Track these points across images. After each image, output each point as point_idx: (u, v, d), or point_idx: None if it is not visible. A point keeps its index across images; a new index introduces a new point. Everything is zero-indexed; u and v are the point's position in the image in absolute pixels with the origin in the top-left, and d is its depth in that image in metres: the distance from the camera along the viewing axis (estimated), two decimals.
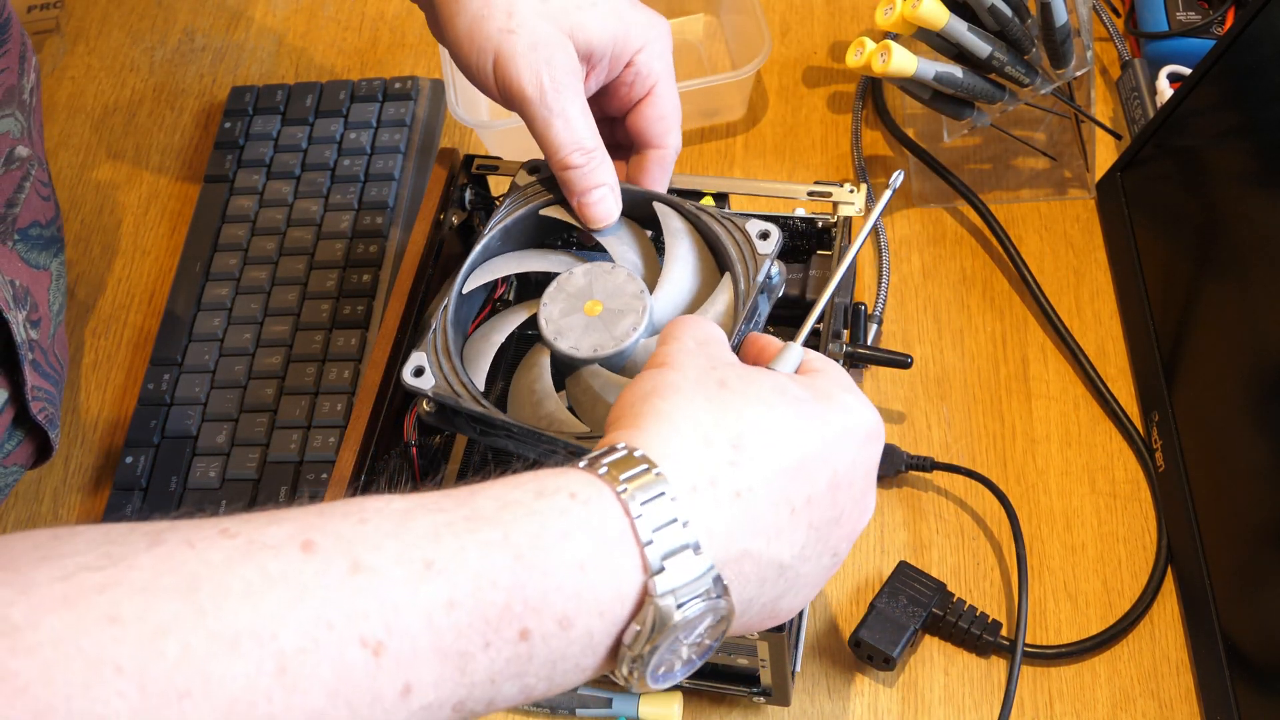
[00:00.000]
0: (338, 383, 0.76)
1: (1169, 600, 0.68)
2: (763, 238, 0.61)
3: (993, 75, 0.77)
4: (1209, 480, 0.67)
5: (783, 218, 0.70)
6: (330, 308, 0.79)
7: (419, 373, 0.58)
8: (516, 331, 0.62)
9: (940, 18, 0.73)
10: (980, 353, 0.77)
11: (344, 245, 0.82)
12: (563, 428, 0.56)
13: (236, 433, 0.75)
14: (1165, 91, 0.81)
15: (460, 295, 0.61)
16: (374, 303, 0.79)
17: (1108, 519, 0.71)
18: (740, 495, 0.45)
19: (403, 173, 0.85)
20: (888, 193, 0.57)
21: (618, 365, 0.59)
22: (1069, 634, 0.68)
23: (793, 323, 0.71)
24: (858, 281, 0.78)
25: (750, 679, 0.64)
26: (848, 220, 0.68)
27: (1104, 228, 0.81)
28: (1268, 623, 0.61)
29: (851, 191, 0.68)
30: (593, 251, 0.65)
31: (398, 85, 0.89)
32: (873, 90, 0.88)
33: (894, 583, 0.67)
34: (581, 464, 0.44)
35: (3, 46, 0.74)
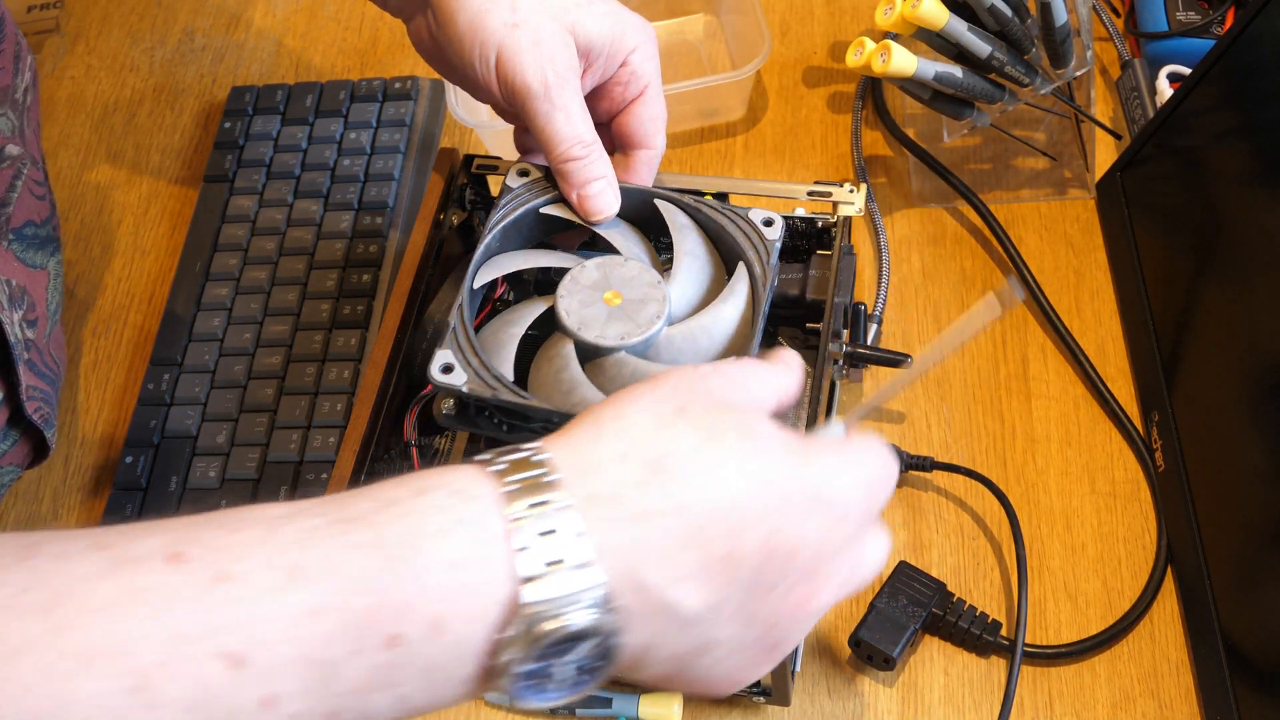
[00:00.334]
0: (338, 383, 0.76)
1: (1169, 600, 0.68)
2: (767, 225, 0.61)
3: (993, 75, 0.77)
4: (1209, 480, 0.67)
5: (783, 218, 0.70)
6: (330, 308, 0.79)
7: (448, 369, 0.57)
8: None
9: (940, 18, 0.73)
10: (980, 353, 0.77)
11: (344, 245, 0.82)
12: None
13: (236, 433, 0.75)
14: (1165, 91, 0.81)
15: (471, 292, 0.61)
16: (374, 303, 0.79)
17: (1108, 519, 0.71)
18: (642, 518, 0.42)
19: (403, 173, 0.85)
20: (987, 310, 0.52)
21: (642, 353, 0.59)
22: (1069, 634, 0.68)
23: (794, 322, 0.71)
24: (858, 281, 0.78)
25: None
26: (848, 220, 0.68)
27: (1104, 228, 0.81)
28: (1268, 623, 0.61)
29: (851, 191, 0.68)
30: (592, 252, 0.65)
31: (398, 85, 0.89)
32: (873, 90, 0.88)
33: (894, 583, 0.67)
34: (483, 458, 0.43)
35: None
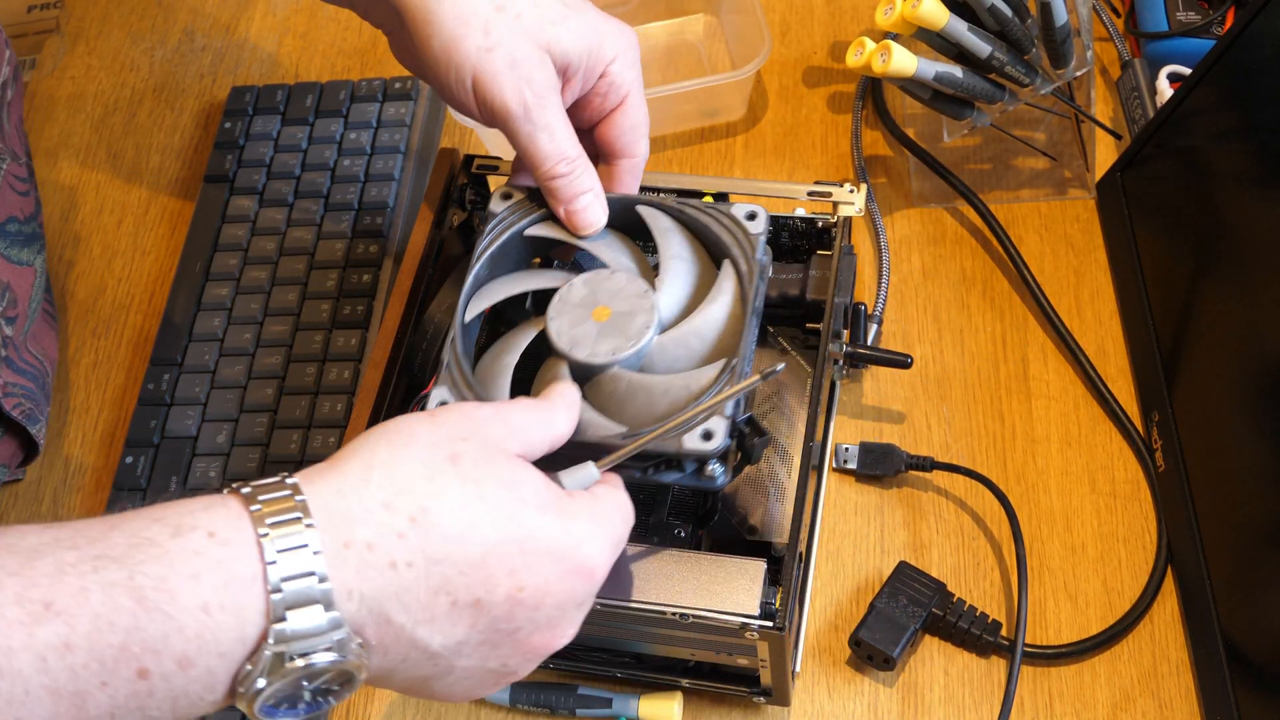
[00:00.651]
0: (338, 383, 0.76)
1: (1169, 600, 0.68)
2: (750, 219, 0.61)
3: (993, 75, 0.77)
4: (1209, 480, 0.67)
5: (782, 218, 0.70)
6: (330, 308, 0.79)
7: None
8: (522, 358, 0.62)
9: (940, 18, 0.73)
10: (980, 353, 0.77)
11: (344, 245, 0.82)
12: (600, 431, 0.56)
13: (236, 433, 0.75)
14: (1165, 91, 0.81)
15: (463, 326, 0.61)
16: (374, 303, 0.79)
17: (1108, 519, 0.71)
18: (395, 567, 0.45)
19: (403, 173, 0.85)
20: (756, 379, 0.55)
21: (635, 366, 0.59)
22: (1069, 634, 0.68)
23: (794, 322, 0.71)
24: (858, 281, 0.78)
25: (750, 679, 0.64)
26: (848, 220, 0.68)
27: (1104, 228, 0.81)
28: (1268, 623, 0.61)
29: (851, 191, 0.68)
30: (578, 271, 0.65)
31: (398, 85, 0.89)
32: (873, 90, 0.88)
33: (894, 583, 0.67)
34: (245, 490, 0.44)
35: None
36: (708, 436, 0.55)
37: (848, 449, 0.73)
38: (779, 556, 0.61)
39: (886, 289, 0.79)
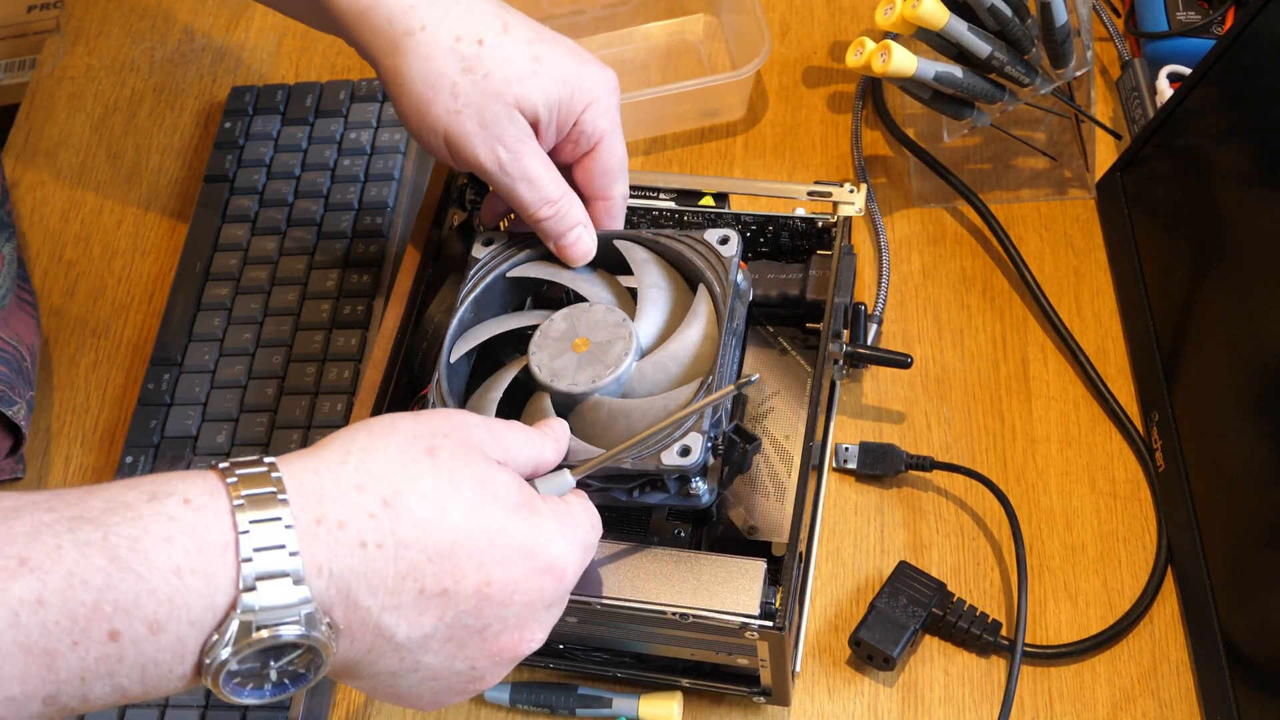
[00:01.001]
0: (338, 383, 0.76)
1: (1169, 600, 0.68)
2: (723, 243, 0.63)
3: (993, 75, 0.77)
4: (1209, 480, 0.67)
5: (783, 218, 0.70)
6: (330, 308, 0.79)
7: None
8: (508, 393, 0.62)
9: (940, 18, 0.73)
10: (980, 353, 0.77)
11: (344, 245, 0.82)
12: (576, 458, 0.57)
13: (236, 433, 0.75)
14: (1165, 91, 0.81)
15: (449, 367, 0.62)
16: (374, 303, 0.79)
17: (1108, 519, 0.71)
18: (365, 547, 0.45)
19: (403, 173, 0.85)
20: (731, 389, 0.57)
21: (616, 393, 0.60)
22: (1069, 634, 0.68)
23: (794, 322, 0.71)
24: (858, 281, 0.78)
25: (750, 679, 0.64)
26: (848, 220, 0.68)
27: (1104, 228, 0.81)
28: (1268, 623, 0.61)
29: (851, 191, 0.68)
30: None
31: None
32: (873, 90, 0.88)
33: (894, 583, 0.67)
34: (222, 465, 0.45)
35: None
36: (685, 452, 0.56)
37: (848, 449, 0.73)
38: (779, 556, 0.61)
39: (886, 289, 0.79)
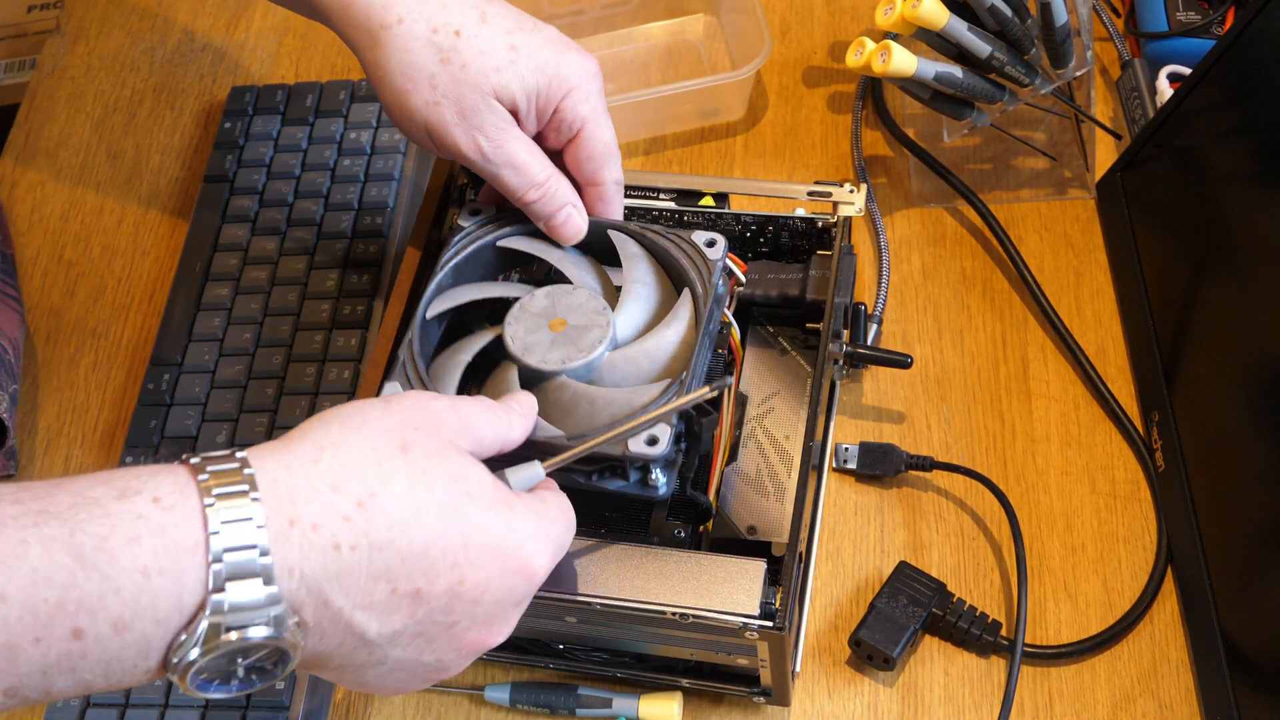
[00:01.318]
0: (338, 383, 0.76)
1: (1169, 600, 0.68)
2: (709, 245, 0.63)
3: (993, 75, 0.77)
4: (1209, 480, 0.67)
5: (783, 218, 0.70)
6: (330, 308, 0.79)
7: None
8: (475, 359, 0.63)
9: (940, 18, 0.73)
10: (980, 353, 0.77)
11: (344, 245, 0.82)
12: (544, 433, 0.57)
13: (236, 433, 0.75)
14: (1165, 91, 0.81)
15: (423, 324, 0.62)
16: (374, 303, 0.79)
17: (1108, 519, 0.71)
18: (339, 549, 0.45)
19: (403, 173, 0.85)
20: (705, 391, 0.57)
21: (583, 378, 0.60)
22: (1069, 634, 0.68)
23: (794, 322, 0.71)
24: (858, 281, 0.78)
25: (750, 679, 0.64)
26: (848, 220, 0.68)
27: (1104, 228, 0.81)
28: (1268, 623, 0.61)
29: (851, 191, 0.68)
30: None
31: None
32: (873, 90, 0.88)
33: (894, 583, 0.67)
34: (194, 460, 0.45)
35: None
36: (652, 442, 0.56)
37: (848, 449, 0.73)
38: (779, 556, 0.61)
39: (886, 289, 0.79)
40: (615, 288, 0.64)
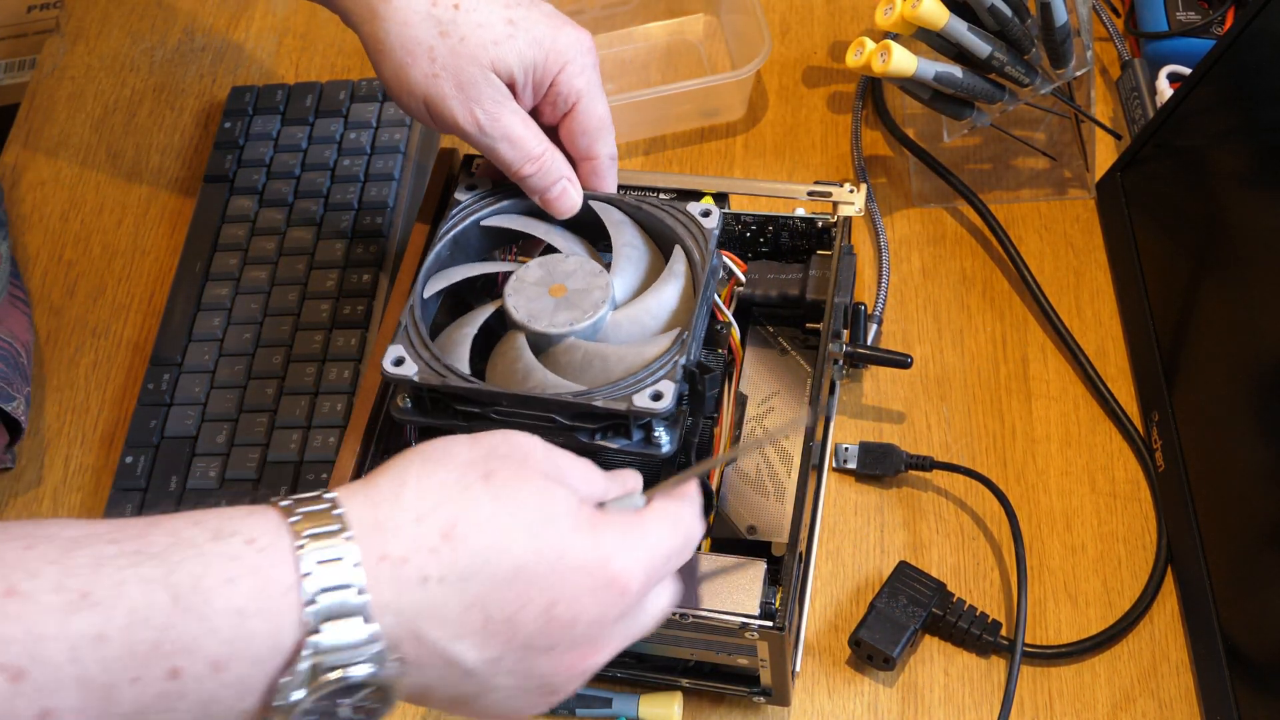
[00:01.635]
0: (338, 383, 0.76)
1: (1169, 600, 0.68)
2: (705, 215, 0.64)
3: (993, 75, 0.77)
4: (1209, 480, 0.67)
5: (783, 218, 0.70)
6: (330, 308, 0.79)
7: (399, 362, 0.59)
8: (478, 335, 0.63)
9: (940, 18, 0.73)
10: (980, 353, 0.77)
11: (344, 245, 0.82)
12: (558, 390, 0.57)
13: (236, 433, 0.75)
14: (1165, 91, 0.81)
15: (422, 298, 0.63)
16: (374, 303, 0.79)
17: (1108, 519, 0.71)
18: (427, 582, 0.44)
19: (403, 173, 0.85)
20: (732, 455, 0.57)
21: (591, 336, 0.61)
22: (1069, 634, 0.68)
23: (794, 322, 0.71)
24: (858, 281, 0.78)
25: (750, 679, 0.64)
26: (848, 220, 0.68)
27: (1104, 228, 0.81)
28: (1268, 623, 0.61)
29: (851, 191, 0.68)
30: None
31: None
32: (873, 90, 0.88)
33: (894, 583, 0.67)
34: (284, 502, 0.45)
35: None
36: (657, 397, 0.56)
37: (848, 449, 0.73)
38: (779, 556, 0.61)
39: (886, 289, 0.79)
40: (603, 260, 0.65)
